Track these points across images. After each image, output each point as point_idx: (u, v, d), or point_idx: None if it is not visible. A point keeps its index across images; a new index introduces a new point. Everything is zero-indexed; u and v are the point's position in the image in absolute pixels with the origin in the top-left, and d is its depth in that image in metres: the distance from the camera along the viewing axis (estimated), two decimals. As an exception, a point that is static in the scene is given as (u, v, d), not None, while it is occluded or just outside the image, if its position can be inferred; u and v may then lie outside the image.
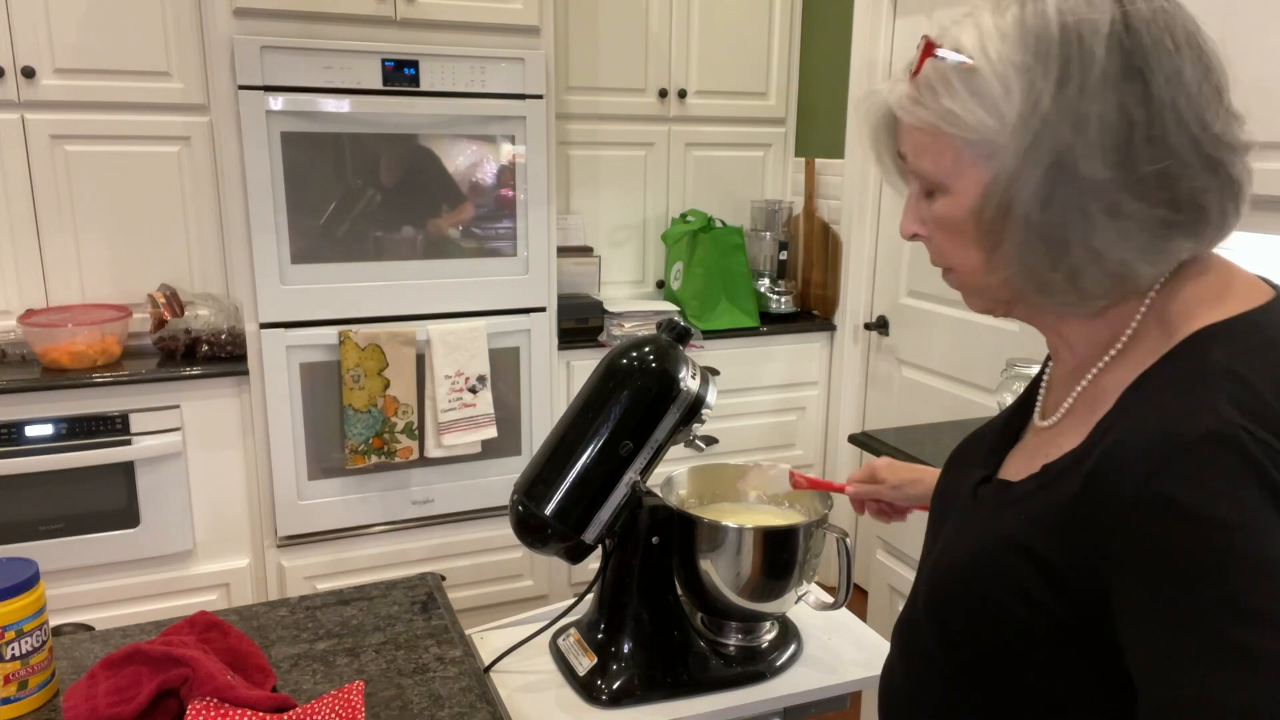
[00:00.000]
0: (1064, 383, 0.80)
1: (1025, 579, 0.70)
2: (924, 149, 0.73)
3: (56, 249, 2.45)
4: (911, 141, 0.75)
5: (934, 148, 0.73)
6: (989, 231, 0.71)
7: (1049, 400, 0.84)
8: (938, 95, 0.71)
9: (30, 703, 1.01)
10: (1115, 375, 0.73)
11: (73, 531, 2.29)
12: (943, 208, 0.74)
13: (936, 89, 0.71)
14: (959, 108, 0.69)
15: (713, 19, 3.04)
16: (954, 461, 0.94)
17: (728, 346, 2.94)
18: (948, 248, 0.76)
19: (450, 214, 2.50)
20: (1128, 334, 0.73)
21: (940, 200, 0.74)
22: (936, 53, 0.71)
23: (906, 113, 0.73)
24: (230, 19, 2.22)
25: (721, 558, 1.18)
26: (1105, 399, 0.72)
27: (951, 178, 0.72)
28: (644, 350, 1.18)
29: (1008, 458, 0.85)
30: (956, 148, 0.71)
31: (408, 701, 1.03)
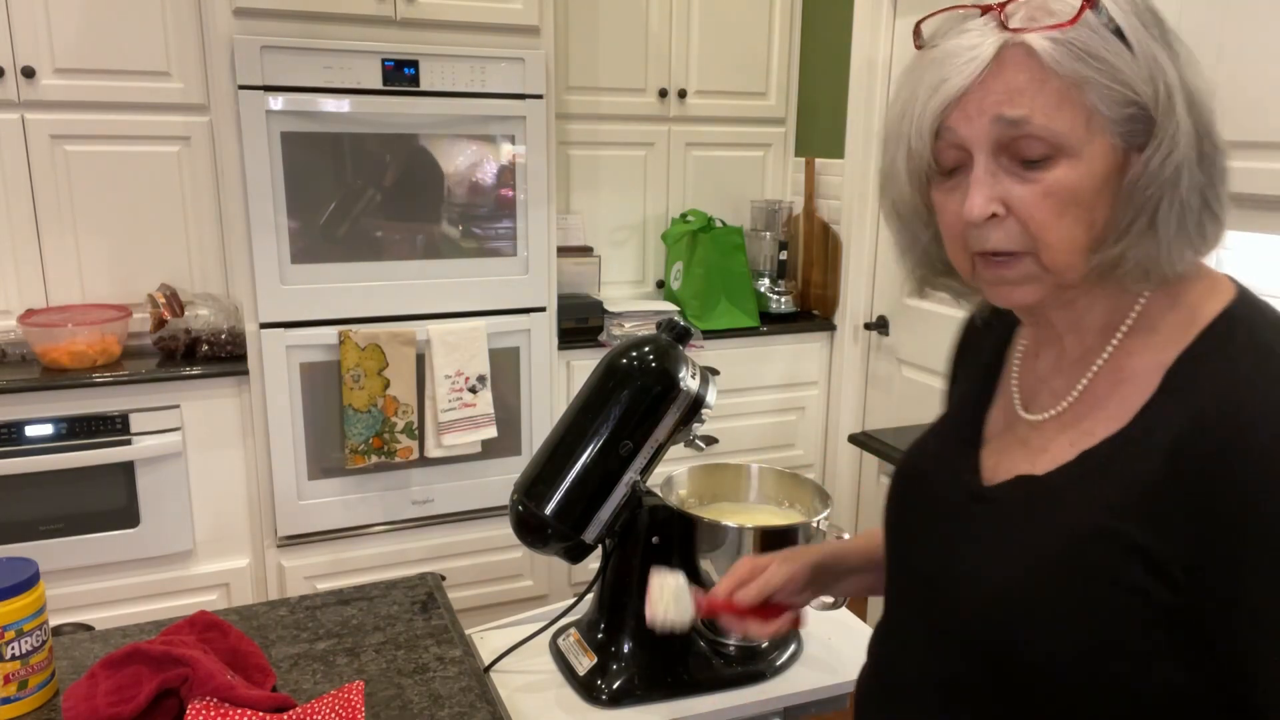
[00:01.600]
0: (1064, 372, 0.78)
1: (1121, 568, 0.67)
2: (1056, 107, 0.66)
3: (56, 249, 2.45)
4: (1032, 97, 0.67)
5: (1068, 106, 0.67)
6: (1131, 200, 0.68)
7: (1041, 393, 0.81)
8: (1095, 49, 0.66)
9: (30, 702, 1.01)
10: (1141, 359, 0.73)
11: (73, 531, 2.29)
12: (1068, 175, 0.68)
13: (1093, 42, 0.66)
14: (1121, 64, 0.65)
15: (713, 19, 3.04)
16: (910, 473, 0.90)
17: (728, 346, 2.94)
18: (1049, 223, 0.69)
19: (450, 214, 2.50)
20: (1131, 318, 0.74)
21: (1061, 167, 0.68)
22: (1096, 5, 0.66)
23: (1057, 61, 0.66)
24: (230, 19, 2.22)
25: (722, 557, 1.18)
26: (1138, 380, 0.72)
27: (1083, 141, 0.67)
28: (644, 350, 1.18)
29: (984, 459, 0.82)
30: (1090, 108, 0.66)
31: (408, 701, 1.03)
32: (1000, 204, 0.69)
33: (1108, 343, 0.75)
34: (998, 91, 0.67)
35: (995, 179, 0.69)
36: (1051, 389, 0.79)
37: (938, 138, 0.71)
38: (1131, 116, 0.67)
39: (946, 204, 0.73)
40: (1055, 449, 0.75)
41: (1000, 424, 0.84)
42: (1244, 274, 0.78)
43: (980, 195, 0.69)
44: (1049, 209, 0.68)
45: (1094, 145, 0.67)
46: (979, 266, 0.73)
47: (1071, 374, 0.78)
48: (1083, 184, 0.68)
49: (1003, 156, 0.69)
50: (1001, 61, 0.67)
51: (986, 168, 0.69)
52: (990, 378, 0.88)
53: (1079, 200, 0.68)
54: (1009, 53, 0.67)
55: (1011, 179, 0.69)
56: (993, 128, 0.68)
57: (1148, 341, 0.73)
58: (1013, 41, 0.67)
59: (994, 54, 0.67)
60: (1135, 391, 0.72)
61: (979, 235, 0.71)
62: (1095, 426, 0.73)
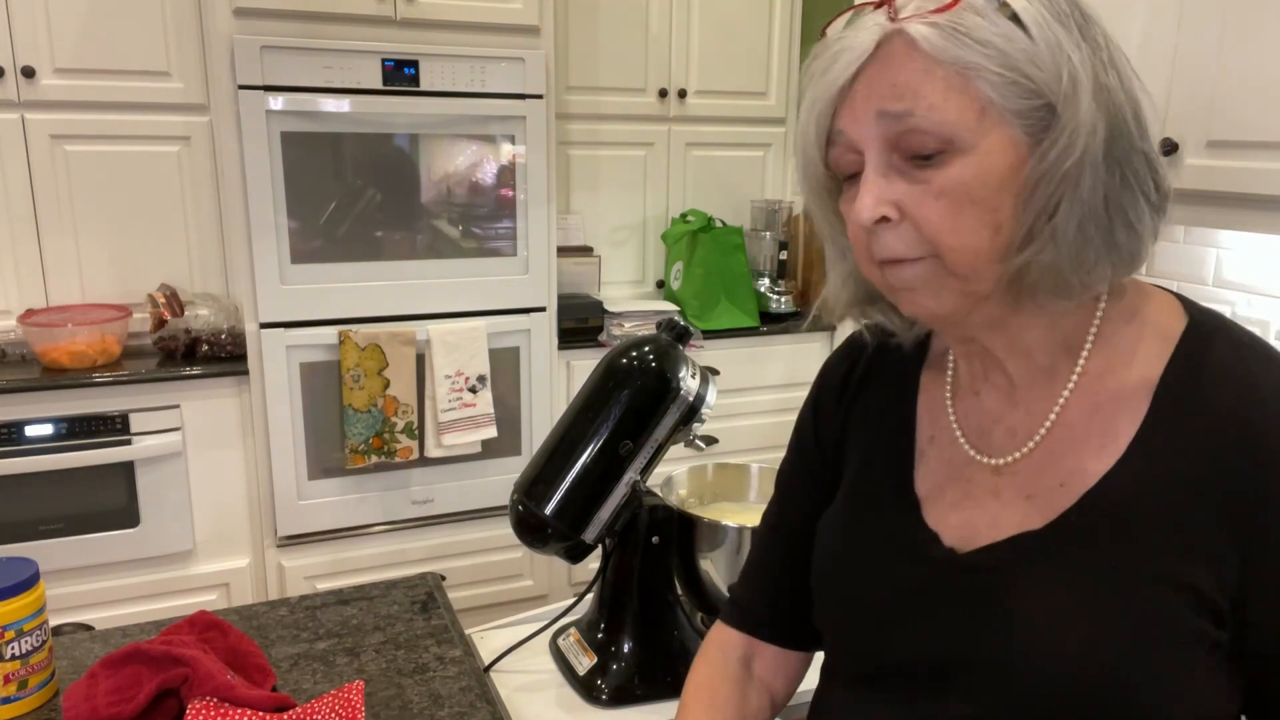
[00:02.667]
0: (1020, 405, 0.71)
1: (1186, 614, 0.62)
2: (942, 97, 0.61)
3: (56, 249, 2.45)
4: (917, 88, 0.61)
5: (956, 96, 0.61)
6: (1036, 202, 0.62)
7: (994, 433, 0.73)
8: (980, 33, 0.60)
9: (30, 702, 1.01)
10: (1116, 379, 0.67)
11: (73, 531, 2.29)
12: (960, 172, 0.62)
13: (978, 27, 0.60)
14: (1013, 50, 0.60)
15: (713, 19, 3.04)
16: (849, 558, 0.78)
17: (728, 346, 2.94)
18: (947, 226, 0.63)
19: (450, 214, 2.50)
20: (1090, 339, 0.69)
21: (956, 164, 0.62)
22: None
23: (935, 48, 0.60)
24: (230, 19, 2.22)
25: (722, 557, 1.18)
26: (1120, 403, 0.67)
27: (976, 135, 0.61)
28: (644, 350, 1.18)
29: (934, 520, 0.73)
30: (984, 99, 0.61)
31: (408, 701, 1.03)
32: (893, 206, 0.63)
33: (1071, 367, 0.69)
34: (882, 85, 0.62)
35: (886, 180, 0.64)
36: (1008, 427, 0.72)
37: (831, 144, 0.66)
38: (1033, 108, 0.61)
39: (848, 213, 0.66)
40: (1043, 495, 0.68)
41: (940, 477, 0.75)
42: (1244, 274, 0.78)
43: (869, 196, 0.63)
44: (943, 210, 0.62)
45: (991, 139, 0.61)
46: (884, 274, 0.67)
47: (1033, 406, 0.71)
48: (978, 181, 0.62)
49: (894, 155, 0.63)
50: (885, 53, 0.62)
51: (876, 168, 0.64)
52: (903, 426, 0.79)
53: (975, 199, 0.62)
54: (891, 43, 0.62)
55: (903, 179, 0.63)
56: (879, 124, 0.63)
57: (1115, 361, 0.68)
58: (892, 31, 0.62)
59: (873, 45, 0.62)
60: (1120, 417, 0.66)
61: (877, 242, 0.65)
62: (1084, 462, 0.67)
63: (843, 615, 0.79)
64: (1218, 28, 1.49)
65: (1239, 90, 1.47)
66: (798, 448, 0.90)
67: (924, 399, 0.79)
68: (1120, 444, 0.66)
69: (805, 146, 0.68)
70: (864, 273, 0.70)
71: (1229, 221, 1.55)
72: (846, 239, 0.71)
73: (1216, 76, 1.49)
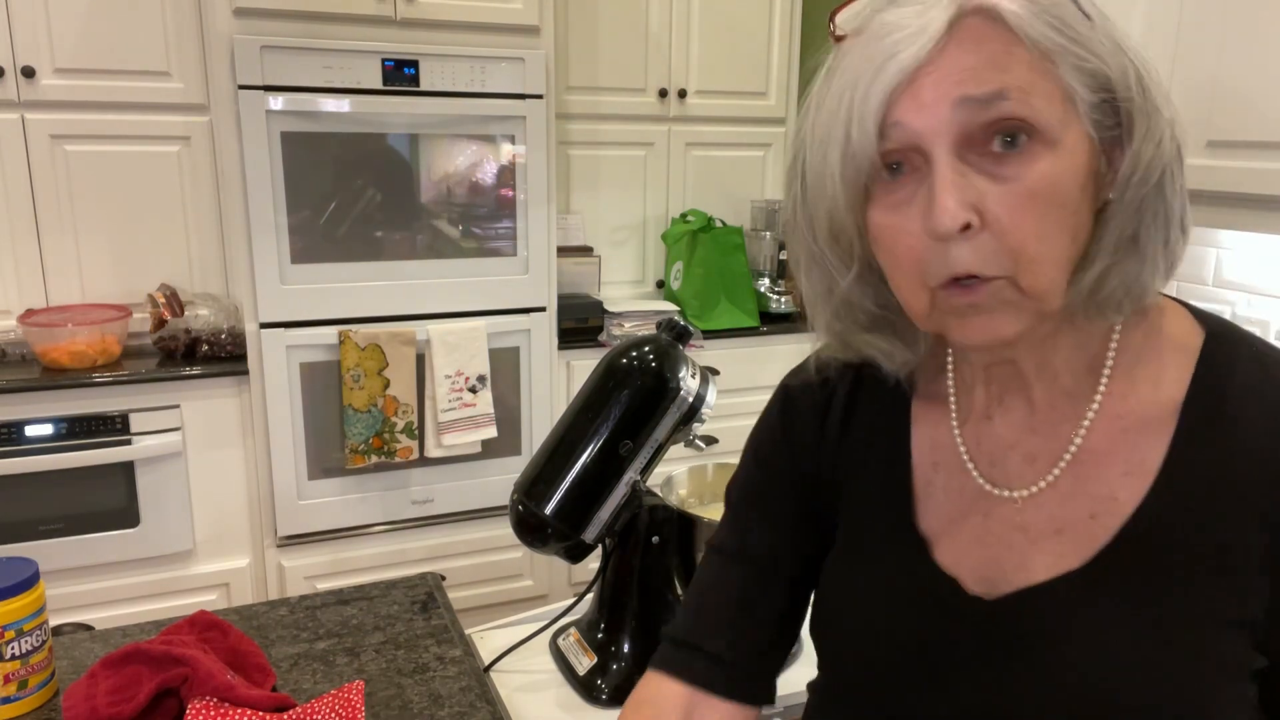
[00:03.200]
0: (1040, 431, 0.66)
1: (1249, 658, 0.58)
2: (1032, 82, 0.54)
3: (56, 249, 2.45)
4: (1005, 69, 0.54)
5: (1042, 82, 0.54)
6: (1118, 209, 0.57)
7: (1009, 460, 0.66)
8: (1066, 17, 0.54)
9: (30, 702, 1.01)
10: (1140, 399, 0.63)
11: (73, 531, 2.29)
12: (1052, 167, 0.54)
13: (1062, 5, 0.54)
14: (1093, 38, 0.55)
15: (713, 19, 3.04)
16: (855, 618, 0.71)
17: (728, 346, 2.94)
18: (1033, 232, 0.55)
19: (450, 214, 2.50)
20: (1111, 358, 0.64)
21: (1045, 158, 0.54)
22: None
23: (1029, 23, 0.53)
24: (230, 19, 2.22)
25: (721, 557, 1.18)
26: (1147, 425, 0.62)
27: (1062, 127, 0.54)
28: (644, 350, 1.18)
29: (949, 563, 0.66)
30: (1066, 88, 0.54)
31: (408, 701, 1.03)
32: (973, 210, 0.54)
33: (1094, 389, 0.63)
34: (958, 69, 0.53)
35: (965, 179, 0.54)
36: (1026, 454, 0.66)
37: (880, 137, 0.56)
38: (1101, 103, 0.56)
39: (895, 224, 0.58)
40: (1073, 529, 0.62)
41: (949, 511, 0.68)
42: (1244, 274, 0.78)
43: (950, 199, 0.54)
44: (1033, 213, 0.54)
45: (1071, 133, 0.55)
46: (941, 299, 0.58)
47: (1051, 432, 0.65)
48: (1066, 179, 0.55)
49: (969, 150, 0.55)
50: (959, 33, 0.54)
51: (951, 165, 0.54)
52: (897, 461, 0.71)
53: (1064, 202, 0.55)
54: (966, 20, 0.54)
55: (983, 177, 0.55)
56: (956, 113, 0.54)
57: (1137, 380, 0.63)
58: (970, 7, 0.54)
59: (947, 25, 0.54)
60: (1147, 439, 0.62)
61: (944, 258, 0.56)
62: (1113, 489, 0.62)
63: (854, 674, 0.71)
64: (1218, 28, 1.49)
65: (1239, 90, 1.47)
66: (763, 474, 0.80)
67: (920, 428, 0.71)
68: (1149, 469, 0.61)
69: (855, 134, 0.56)
70: (907, 302, 0.60)
71: (1229, 221, 1.55)
72: (845, 263, 0.64)
73: (1216, 76, 1.49)
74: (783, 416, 0.79)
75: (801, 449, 0.77)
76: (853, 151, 0.56)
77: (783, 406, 0.80)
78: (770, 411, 0.81)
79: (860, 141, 0.56)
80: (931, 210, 0.55)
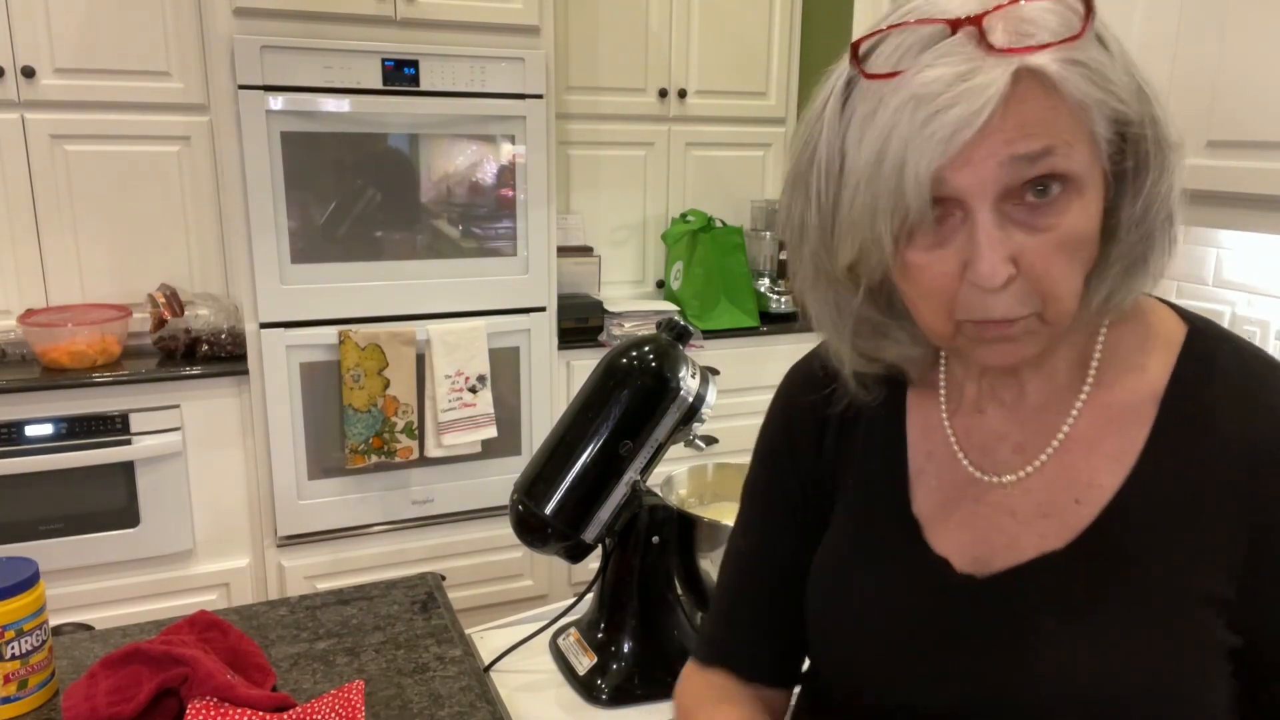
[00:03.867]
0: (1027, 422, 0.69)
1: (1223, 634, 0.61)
2: (1074, 136, 0.56)
3: (56, 249, 2.45)
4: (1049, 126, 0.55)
5: (1080, 134, 0.56)
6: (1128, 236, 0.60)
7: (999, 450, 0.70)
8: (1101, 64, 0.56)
9: (30, 702, 1.01)
10: (1124, 391, 0.67)
11: (73, 531, 2.29)
12: (1079, 215, 0.57)
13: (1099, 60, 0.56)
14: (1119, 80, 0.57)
15: (713, 19, 3.04)
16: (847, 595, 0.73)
17: (728, 346, 2.94)
18: (1063, 274, 0.58)
19: (450, 214, 2.50)
20: (1097, 355, 0.68)
21: (1075, 207, 0.57)
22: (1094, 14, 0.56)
23: (1074, 84, 0.55)
24: (230, 19, 2.22)
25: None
26: (1129, 415, 0.66)
27: (1090, 173, 0.57)
28: (644, 349, 1.18)
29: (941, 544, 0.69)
30: (1093, 134, 0.57)
31: (408, 701, 1.03)
32: (1012, 262, 0.57)
33: (1082, 382, 0.68)
34: (1008, 129, 0.55)
35: (1004, 232, 0.57)
36: (1015, 444, 0.69)
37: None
38: (1115, 137, 0.59)
39: (931, 264, 0.60)
40: (1059, 513, 0.66)
41: (941, 497, 0.71)
42: (1244, 274, 0.79)
43: (994, 255, 0.56)
44: (1063, 259, 0.58)
45: (1094, 174, 0.58)
46: (969, 330, 0.61)
47: (1040, 422, 0.69)
48: (1088, 223, 0.58)
49: (1004, 203, 0.57)
50: (1008, 97, 0.54)
51: (995, 221, 0.57)
52: (893, 449, 0.74)
53: (1086, 242, 0.59)
54: (1021, 82, 0.55)
55: (1021, 230, 0.57)
56: (1003, 170, 0.55)
57: (1119, 372, 0.67)
58: (1022, 71, 0.55)
59: (1003, 94, 0.54)
60: (1129, 428, 0.65)
61: (982, 303, 0.59)
62: (1096, 475, 0.65)
63: (847, 656, 0.73)
64: (1218, 28, 1.49)
65: (1239, 90, 1.47)
66: (766, 472, 0.83)
67: (915, 419, 0.75)
68: (1130, 455, 0.65)
69: (911, 194, 0.56)
70: (930, 328, 0.63)
71: (1229, 221, 1.55)
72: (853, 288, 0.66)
73: (1216, 76, 1.49)
74: (784, 414, 0.82)
75: (802, 446, 0.80)
76: (906, 204, 0.57)
77: (785, 404, 0.83)
78: (773, 409, 0.84)
79: (915, 197, 0.57)
80: (977, 265, 0.57)
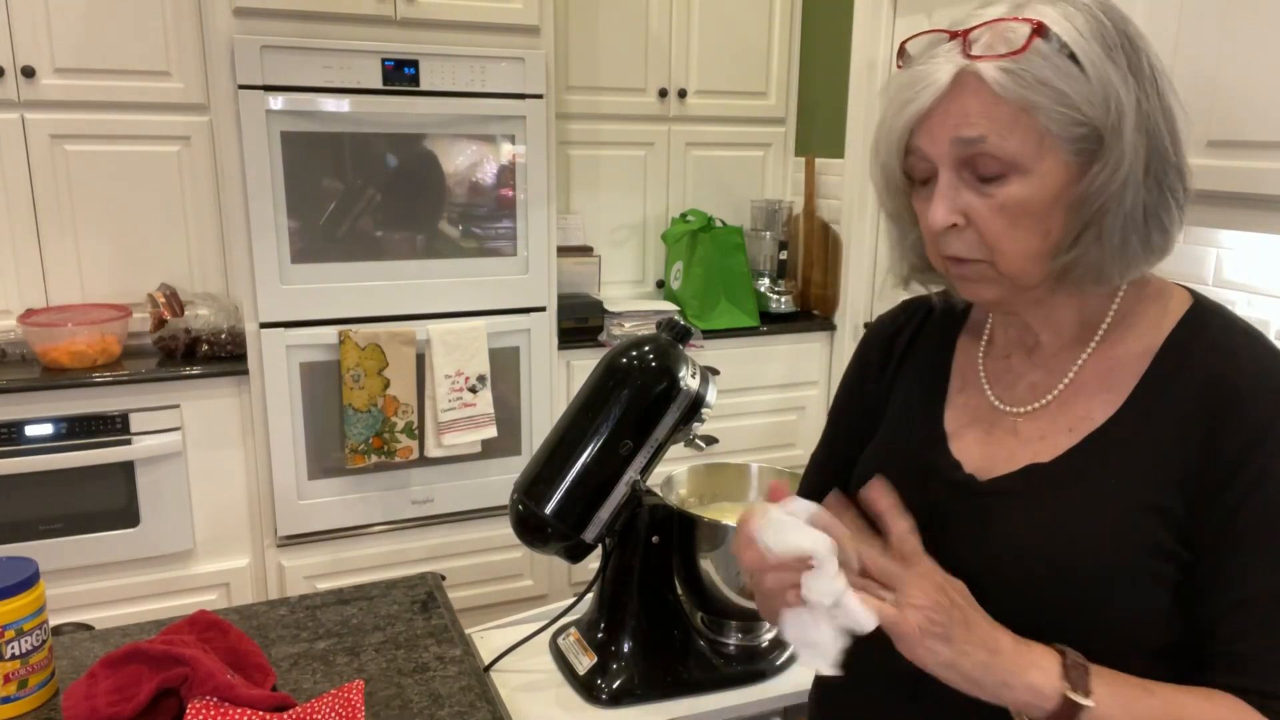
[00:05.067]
0: (1043, 367, 0.85)
1: (1160, 538, 0.73)
2: (1009, 128, 0.73)
3: (56, 249, 2.45)
4: (988, 119, 0.73)
5: (1020, 127, 0.73)
6: (1083, 213, 0.74)
7: (1017, 387, 0.86)
8: (1045, 75, 0.71)
9: (30, 701, 1.01)
10: (1125, 347, 0.81)
11: (73, 531, 2.29)
12: (1019, 191, 0.74)
13: (1043, 69, 0.71)
14: (1070, 89, 0.71)
15: (713, 19, 3.04)
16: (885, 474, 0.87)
17: (728, 346, 2.94)
18: (1004, 234, 0.76)
19: (450, 214, 2.50)
20: (1110, 316, 0.82)
21: (1015, 183, 0.74)
22: (1046, 34, 0.72)
23: (1004, 88, 0.72)
24: (230, 19, 2.22)
25: (721, 557, 1.18)
26: (1125, 366, 0.80)
27: (1034, 160, 0.73)
28: (644, 349, 1.18)
29: (959, 453, 0.86)
30: (1042, 129, 0.72)
31: (408, 700, 1.03)
32: (961, 215, 0.76)
33: (1091, 338, 0.83)
34: (955, 114, 0.74)
35: (957, 192, 0.76)
36: (1030, 383, 0.85)
37: (908, 154, 0.79)
38: (1084, 135, 0.73)
39: (922, 211, 0.80)
40: (1053, 436, 0.81)
41: (966, 419, 0.88)
42: (1244, 274, 0.81)
43: (942, 208, 0.76)
44: (1003, 221, 0.75)
45: (1046, 162, 0.73)
46: (948, 266, 0.81)
47: (1053, 367, 0.84)
48: (1034, 198, 0.74)
49: (964, 171, 0.76)
50: (958, 86, 0.74)
51: (949, 181, 0.76)
52: (939, 378, 0.93)
53: (1031, 213, 0.75)
54: (964, 79, 0.73)
55: (971, 192, 0.76)
56: (952, 147, 0.75)
57: (1127, 334, 0.81)
58: (968, 69, 0.73)
59: (950, 81, 0.74)
60: (1125, 376, 0.80)
61: (944, 241, 0.78)
62: (1092, 411, 0.80)
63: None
64: (1218, 28, 1.49)
65: (1239, 90, 1.47)
66: (845, 393, 1.02)
67: (959, 358, 0.93)
68: (1121, 395, 0.79)
69: (885, 154, 0.80)
70: (930, 259, 0.83)
71: (1229, 221, 1.55)
72: (913, 224, 0.84)
73: (1216, 76, 1.49)
74: (862, 348, 1.02)
75: (870, 371, 0.99)
76: (883, 163, 0.81)
77: (865, 338, 1.02)
78: (858, 345, 1.04)
79: (888, 162, 0.80)
80: (932, 210, 0.78)
